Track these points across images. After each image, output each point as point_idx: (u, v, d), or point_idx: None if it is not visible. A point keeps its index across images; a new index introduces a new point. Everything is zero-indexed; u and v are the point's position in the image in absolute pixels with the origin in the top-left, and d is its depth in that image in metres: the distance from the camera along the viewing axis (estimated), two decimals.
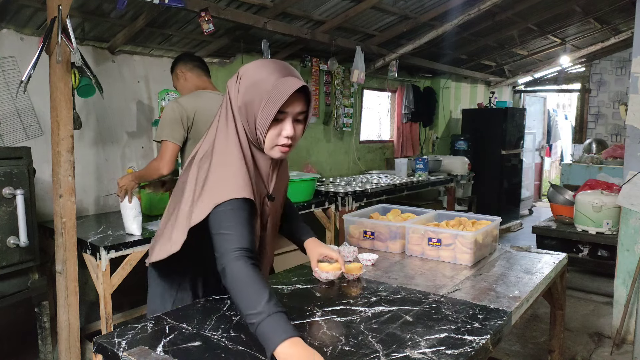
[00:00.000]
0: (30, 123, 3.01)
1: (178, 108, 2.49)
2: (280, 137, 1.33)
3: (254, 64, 1.34)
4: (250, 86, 1.30)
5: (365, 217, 2.37)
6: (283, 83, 1.27)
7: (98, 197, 3.43)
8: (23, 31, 2.98)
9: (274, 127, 1.31)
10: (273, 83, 1.27)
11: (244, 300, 1.13)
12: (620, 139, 7.49)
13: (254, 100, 1.29)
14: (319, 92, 5.11)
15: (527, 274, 1.92)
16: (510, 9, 4.85)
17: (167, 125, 2.47)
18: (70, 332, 2.56)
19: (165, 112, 2.51)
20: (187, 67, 2.73)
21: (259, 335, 1.10)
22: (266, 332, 1.08)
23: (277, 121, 1.31)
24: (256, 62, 1.35)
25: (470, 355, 1.22)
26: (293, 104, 1.30)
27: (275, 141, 1.34)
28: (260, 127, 1.30)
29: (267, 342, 1.08)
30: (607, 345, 3.31)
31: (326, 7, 3.89)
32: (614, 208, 4.03)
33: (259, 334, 1.10)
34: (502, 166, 6.74)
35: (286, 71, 1.31)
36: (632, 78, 3.26)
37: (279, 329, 1.08)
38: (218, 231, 1.25)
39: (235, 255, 1.20)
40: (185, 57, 2.80)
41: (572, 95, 9.15)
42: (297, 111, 1.33)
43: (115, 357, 1.21)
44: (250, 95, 1.29)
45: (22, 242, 2.27)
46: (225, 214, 1.25)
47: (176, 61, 2.80)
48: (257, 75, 1.30)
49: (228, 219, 1.25)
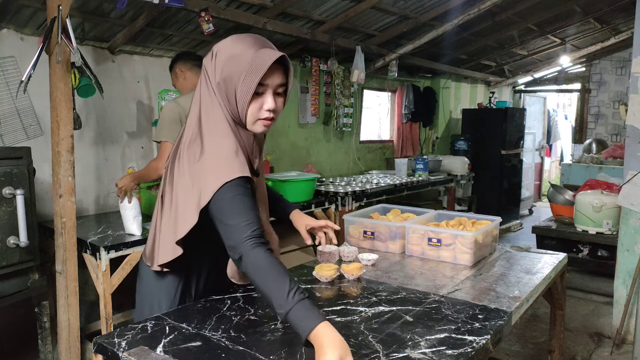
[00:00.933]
0: (30, 123, 3.01)
1: (177, 108, 2.49)
2: (261, 110, 1.31)
3: (229, 39, 1.31)
4: (228, 60, 1.27)
5: (365, 217, 2.37)
6: (261, 54, 1.25)
7: (98, 197, 3.43)
8: (23, 31, 2.98)
9: (255, 100, 1.30)
10: (252, 55, 1.25)
11: (272, 291, 1.16)
12: (620, 139, 7.49)
13: (233, 74, 1.27)
14: (319, 92, 5.11)
15: (527, 274, 1.92)
16: (510, 9, 4.85)
17: (166, 125, 2.47)
18: (70, 332, 2.56)
19: (164, 112, 2.52)
20: (187, 66, 2.73)
21: (291, 321, 1.14)
22: (299, 318, 1.13)
23: (257, 95, 1.29)
24: (231, 37, 1.32)
25: (470, 355, 1.22)
26: (272, 75, 1.29)
27: (257, 115, 1.32)
28: (241, 101, 1.28)
29: (301, 327, 1.13)
30: (607, 345, 3.31)
31: (326, 7, 3.89)
32: (614, 208, 4.03)
33: (291, 320, 1.14)
34: (502, 166, 6.74)
35: (263, 43, 1.30)
36: (632, 78, 3.26)
37: (310, 314, 1.13)
38: (226, 220, 1.23)
39: (251, 243, 1.20)
40: (184, 56, 2.80)
41: (572, 95, 9.15)
42: (277, 83, 1.31)
43: (116, 357, 1.21)
44: (229, 70, 1.27)
45: (22, 242, 2.27)
46: (231, 200, 1.24)
47: (175, 59, 2.80)
48: (234, 49, 1.28)
49: (234, 205, 1.24)
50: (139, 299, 1.54)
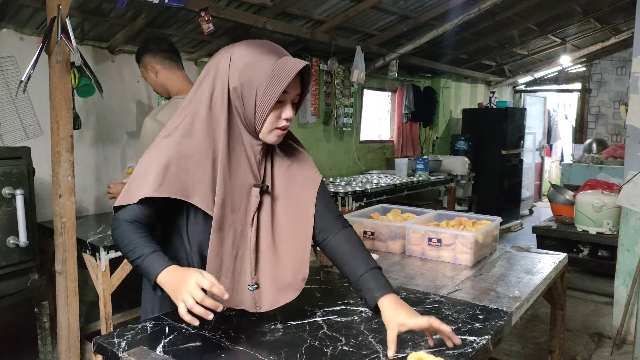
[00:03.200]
0: (30, 123, 3.01)
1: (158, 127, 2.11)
2: (280, 119, 1.26)
3: (244, 45, 1.25)
4: (247, 66, 1.21)
5: (365, 217, 2.37)
6: (285, 62, 1.20)
7: (98, 197, 3.43)
8: (23, 31, 2.98)
9: (274, 109, 1.24)
10: (274, 63, 1.20)
11: (126, 248, 1.24)
12: (620, 139, 7.49)
13: (252, 81, 1.20)
14: (319, 92, 5.11)
15: (528, 274, 1.91)
16: (511, 8, 4.85)
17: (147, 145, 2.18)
18: (69, 332, 2.56)
19: (145, 131, 2.17)
20: (157, 59, 2.28)
21: (143, 273, 1.22)
22: (146, 267, 1.21)
23: (277, 103, 1.23)
24: (246, 42, 1.27)
25: (470, 355, 1.22)
26: (295, 85, 1.25)
27: (274, 124, 1.25)
28: (262, 108, 1.22)
29: (149, 276, 1.21)
30: (607, 345, 3.31)
31: (326, 6, 3.89)
32: (615, 208, 4.02)
33: (142, 272, 1.22)
34: (503, 166, 6.74)
35: (282, 51, 1.25)
36: (632, 78, 3.26)
37: (155, 263, 1.20)
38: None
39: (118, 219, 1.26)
40: (152, 47, 2.31)
41: (573, 95, 9.15)
42: (297, 93, 1.27)
43: (115, 358, 1.20)
44: (248, 76, 1.21)
45: (22, 242, 2.27)
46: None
47: (142, 51, 2.32)
48: (252, 55, 1.22)
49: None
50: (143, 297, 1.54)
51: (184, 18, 3.37)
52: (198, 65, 4.03)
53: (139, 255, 1.21)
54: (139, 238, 1.23)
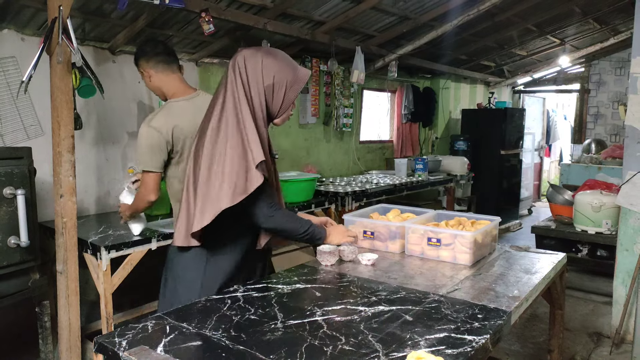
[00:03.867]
0: (31, 123, 3.02)
1: (154, 134, 2.17)
2: (289, 110, 1.78)
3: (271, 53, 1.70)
4: (281, 70, 1.68)
5: (365, 217, 2.37)
6: (302, 70, 1.75)
7: (99, 197, 3.44)
8: (24, 31, 2.99)
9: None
10: (296, 70, 1.72)
11: (295, 228, 1.82)
12: (619, 139, 7.50)
13: (283, 81, 1.68)
14: (319, 93, 5.12)
15: (527, 273, 1.92)
16: (510, 9, 4.86)
17: (145, 153, 2.19)
18: (71, 332, 2.56)
19: (140, 139, 2.19)
20: (150, 64, 2.30)
21: (314, 237, 1.89)
22: (318, 232, 1.92)
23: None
24: (271, 50, 1.72)
25: (469, 354, 1.23)
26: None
27: (288, 113, 1.79)
28: (288, 102, 1.73)
29: (320, 235, 1.93)
30: (606, 344, 3.32)
31: (326, 7, 3.90)
32: (613, 208, 4.04)
33: (313, 237, 1.89)
34: (502, 166, 6.75)
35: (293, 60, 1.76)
36: (631, 78, 3.27)
37: (318, 228, 1.93)
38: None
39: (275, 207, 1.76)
40: (148, 50, 2.31)
41: (572, 95, 9.15)
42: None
43: (116, 357, 1.21)
44: (280, 78, 1.68)
45: (23, 242, 2.28)
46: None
47: (137, 56, 2.34)
48: (283, 62, 1.70)
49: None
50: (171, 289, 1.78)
51: (184, 19, 3.38)
52: (199, 65, 4.04)
53: (310, 225, 1.86)
54: (296, 215, 1.90)
